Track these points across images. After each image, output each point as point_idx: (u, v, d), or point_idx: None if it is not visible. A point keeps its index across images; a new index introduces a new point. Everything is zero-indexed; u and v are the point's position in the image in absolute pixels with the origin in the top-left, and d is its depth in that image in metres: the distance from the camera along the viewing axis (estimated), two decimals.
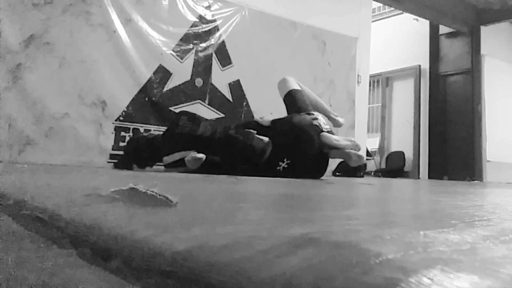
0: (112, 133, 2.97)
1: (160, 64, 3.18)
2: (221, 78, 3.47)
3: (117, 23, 3.00)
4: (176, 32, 3.27)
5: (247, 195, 0.91)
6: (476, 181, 4.38)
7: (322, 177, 2.33)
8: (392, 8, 5.67)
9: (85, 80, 2.86)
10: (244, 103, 3.58)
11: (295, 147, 2.22)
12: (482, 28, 5.47)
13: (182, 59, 3.28)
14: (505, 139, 5.56)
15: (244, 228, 0.38)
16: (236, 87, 3.54)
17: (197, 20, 3.37)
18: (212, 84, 3.42)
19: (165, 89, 3.20)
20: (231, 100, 3.51)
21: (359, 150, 2.25)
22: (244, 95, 3.58)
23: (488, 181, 5.13)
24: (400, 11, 5.49)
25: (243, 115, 3.55)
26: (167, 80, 3.21)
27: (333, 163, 3.69)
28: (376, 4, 5.38)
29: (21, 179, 1.01)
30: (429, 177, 5.23)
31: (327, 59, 4.09)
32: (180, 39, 3.28)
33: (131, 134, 3.04)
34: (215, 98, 3.43)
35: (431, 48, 5.74)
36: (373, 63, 4.81)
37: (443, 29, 5.64)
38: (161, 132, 2.45)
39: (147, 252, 0.30)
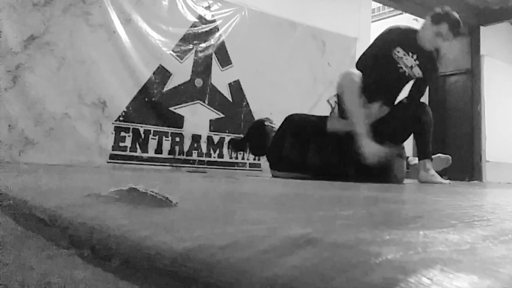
0: (112, 133, 2.97)
1: (160, 64, 3.18)
2: (221, 78, 3.47)
3: (117, 23, 3.00)
4: (176, 32, 3.27)
5: (247, 195, 0.91)
6: (475, 181, 4.38)
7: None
8: (392, 9, 5.67)
9: (85, 80, 2.86)
10: (244, 103, 3.58)
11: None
12: (482, 28, 5.47)
13: (182, 59, 3.27)
14: (505, 139, 5.56)
15: (244, 228, 0.38)
16: (236, 87, 3.54)
17: (197, 20, 3.37)
18: (212, 84, 3.42)
19: (165, 89, 3.20)
20: (231, 100, 3.51)
21: None
22: (244, 95, 3.58)
23: (487, 181, 5.13)
24: (400, 12, 5.49)
25: (243, 116, 3.55)
26: (167, 80, 3.21)
27: None
28: (376, 5, 5.37)
29: (21, 179, 1.01)
30: None
31: (327, 60, 4.09)
32: (180, 40, 3.28)
33: (130, 134, 3.04)
34: (215, 98, 3.43)
35: None
36: None
37: None
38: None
39: (147, 252, 0.30)
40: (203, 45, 3.38)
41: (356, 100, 2.23)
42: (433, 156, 2.60)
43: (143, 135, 3.10)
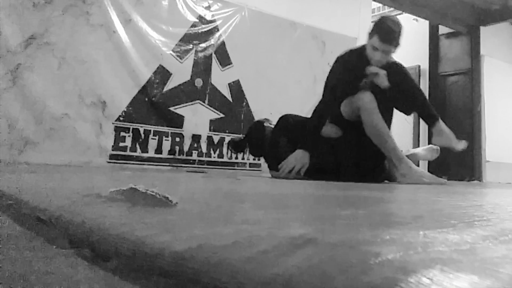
0: (112, 133, 2.96)
1: (160, 64, 3.18)
2: (221, 78, 3.47)
3: (117, 23, 3.00)
4: (176, 32, 3.27)
5: (247, 195, 0.91)
6: (475, 181, 4.38)
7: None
8: (392, 9, 5.67)
9: (85, 80, 2.86)
10: (244, 103, 3.58)
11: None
12: (482, 28, 5.47)
13: (182, 59, 3.28)
14: (505, 139, 5.56)
15: (244, 228, 0.38)
16: (236, 87, 3.54)
17: (197, 20, 3.37)
18: (212, 84, 3.42)
19: (165, 89, 3.20)
20: (231, 100, 3.51)
21: None
22: (244, 95, 3.58)
23: (487, 181, 5.13)
24: (400, 12, 5.49)
25: (243, 115, 3.55)
26: (167, 80, 3.21)
27: None
28: (376, 5, 5.37)
29: (21, 179, 1.01)
30: None
31: (327, 59, 4.08)
32: (180, 40, 3.28)
33: (131, 134, 3.04)
34: (215, 98, 3.43)
35: (430, 48, 5.73)
36: None
37: (442, 30, 5.63)
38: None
39: (147, 252, 0.30)
40: (203, 45, 3.38)
41: (383, 123, 2.17)
42: (425, 147, 2.61)
43: (143, 135, 3.10)
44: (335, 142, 2.29)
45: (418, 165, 2.57)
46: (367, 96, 2.18)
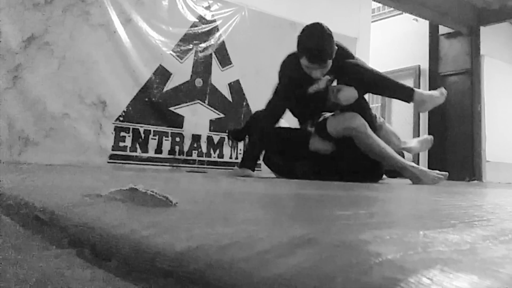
0: (112, 133, 2.97)
1: (160, 64, 3.18)
2: (221, 78, 3.47)
3: (117, 23, 3.00)
4: (176, 32, 3.27)
5: (247, 195, 0.91)
6: (475, 181, 4.38)
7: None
8: (392, 9, 5.67)
9: (85, 80, 2.86)
10: (244, 103, 3.58)
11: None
12: (482, 28, 5.47)
13: (182, 59, 3.28)
14: (505, 139, 5.56)
15: (244, 228, 0.38)
16: (236, 87, 3.54)
17: (197, 20, 3.37)
18: (212, 84, 3.42)
19: (165, 89, 3.20)
20: (231, 100, 3.51)
21: None
22: (244, 95, 3.58)
23: (487, 181, 5.13)
24: (400, 12, 5.49)
25: (243, 116, 3.55)
26: (167, 80, 3.21)
27: None
28: (376, 5, 5.37)
29: (21, 179, 1.01)
30: None
31: None
32: (180, 40, 3.28)
33: (131, 134, 3.04)
34: (215, 98, 3.43)
35: (430, 48, 5.74)
36: (373, 64, 4.78)
37: (442, 30, 5.64)
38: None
39: (147, 252, 0.30)
40: (203, 45, 3.38)
41: (378, 141, 2.15)
42: (419, 138, 2.61)
43: (143, 135, 3.10)
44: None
45: (416, 158, 2.57)
46: (356, 123, 2.14)
